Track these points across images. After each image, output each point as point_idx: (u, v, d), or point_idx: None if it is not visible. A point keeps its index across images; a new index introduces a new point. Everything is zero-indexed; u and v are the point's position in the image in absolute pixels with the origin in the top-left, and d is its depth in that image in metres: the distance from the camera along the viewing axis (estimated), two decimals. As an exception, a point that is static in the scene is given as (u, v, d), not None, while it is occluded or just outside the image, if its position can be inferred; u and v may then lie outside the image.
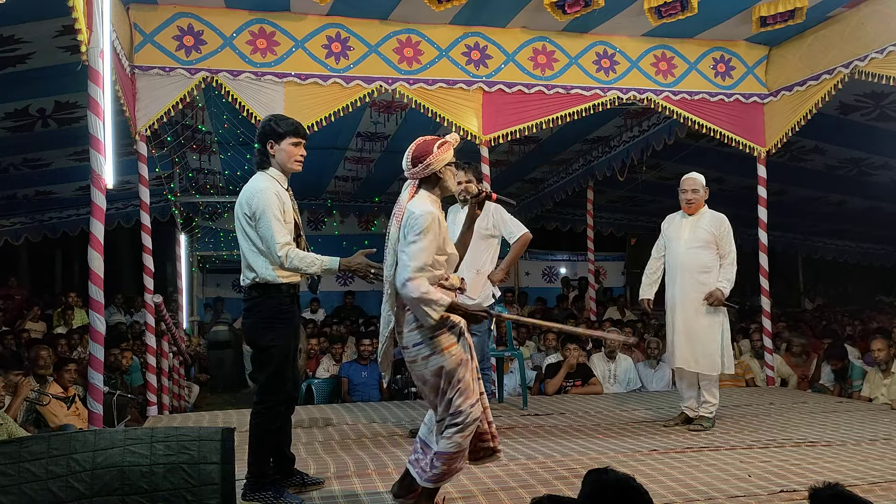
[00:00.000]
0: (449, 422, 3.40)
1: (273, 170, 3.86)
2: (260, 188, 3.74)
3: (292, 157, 3.85)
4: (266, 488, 3.78)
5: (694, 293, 5.60)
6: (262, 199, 3.69)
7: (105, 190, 4.92)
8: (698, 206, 5.72)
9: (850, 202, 11.68)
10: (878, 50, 6.38)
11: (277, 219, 3.67)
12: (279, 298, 3.82)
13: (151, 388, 6.79)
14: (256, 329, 3.86)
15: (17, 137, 7.71)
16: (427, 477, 3.48)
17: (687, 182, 5.75)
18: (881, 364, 6.92)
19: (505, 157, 10.55)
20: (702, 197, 5.73)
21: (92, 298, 4.94)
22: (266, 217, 3.67)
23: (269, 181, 3.80)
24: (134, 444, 3.19)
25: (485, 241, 5.37)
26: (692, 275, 5.61)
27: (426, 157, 3.48)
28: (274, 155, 3.84)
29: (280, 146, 3.82)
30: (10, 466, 3.00)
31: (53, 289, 13.52)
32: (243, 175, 10.03)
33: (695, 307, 5.59)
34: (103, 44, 4.81)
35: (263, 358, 3.83)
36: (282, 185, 3.84)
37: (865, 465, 4.42)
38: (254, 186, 3.78)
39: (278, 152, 3.83)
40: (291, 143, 3.84)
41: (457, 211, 5.42)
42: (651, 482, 3.99)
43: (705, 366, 5.56)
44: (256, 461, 3.83)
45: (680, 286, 5.68)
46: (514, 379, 7.56)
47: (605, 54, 7.42)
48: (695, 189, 5.71)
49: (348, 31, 6.89)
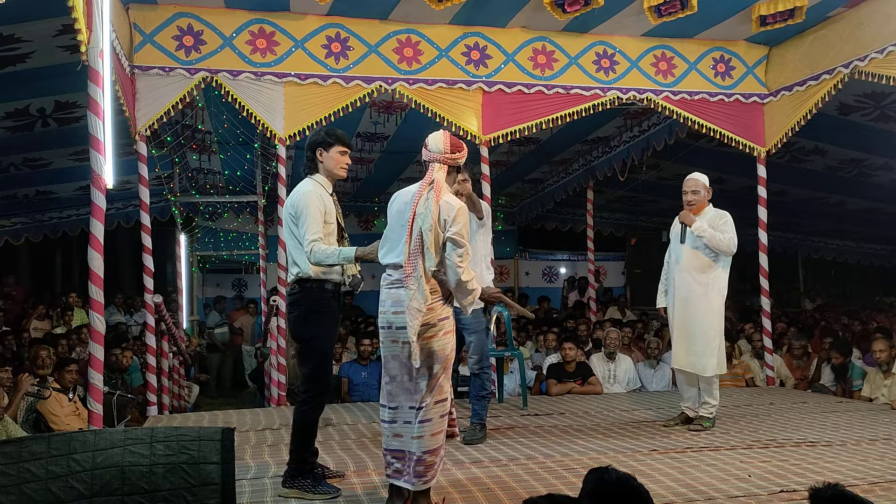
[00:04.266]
0: (432, 405, 3.51)
1: (319, 175, 4.12)
2: (304, 191, 4.00)
3: (339, 164, 4.13)
4: (305, 476, 3.92)
5: (693, 293, 5.55)
6: (305, 200, 3.95)
7: (105, 190, 4.92)
8: (700, 207, 5.66)
9: (849, 203, 11.68)
10: (878, 50, 6.38)
11: (315, 219, 3.91)
12: (320, 293, 4.00)
13: (151, 388, 6.79)
14: (299, 322, 4.05)
15: (18, 137, 7.71)
16: (421, 480, 3.49)
17: (688, 183, 5.72)
18: (882, 365, 6.92)
19: (505, 158, 10.55)
20: (703, 198, 5.68)
21: (92, 298, 4.93)
22: (304, 216, 3.92)
23: (315, 185, 4.06)
24: (134, 444, 3.19)
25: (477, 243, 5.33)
26: (691, 275, 5.56)
27: (462, 149, 3.67)
28: (322, 161, 4.11)
29: (328, 154, 4.10)
30: (10, 466, 2.99)
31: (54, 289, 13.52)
32: (243, 175, 10.07)
33: (693, 307, 5.55)
34: (103, 44, 4.81)
35: (306, 350, 4.02)
36: (326, 189, 4.10)
37: (865, 465, 4.42)
38: (300, 189, 4.05)
39: (326, 159, 4.11)
40: (339, 152, 4.12)
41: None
42: (651, 482, 3.99)
43: (699, 366, 5.51)
44: (298, 449, 3.96)
45: (679, 286, 5.64)
46: (514, 379, 7.56)
47: (605, 54, 7.42)
48: (695, 190, 5.65)
49: (348, 31, 6.89)
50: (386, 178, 11.54)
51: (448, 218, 3.44)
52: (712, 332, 5.51)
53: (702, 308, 5.52)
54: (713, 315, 5.54)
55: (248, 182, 10.34)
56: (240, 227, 12.78)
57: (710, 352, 5.49)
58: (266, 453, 4.89)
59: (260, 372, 10.02)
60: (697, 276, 5.55)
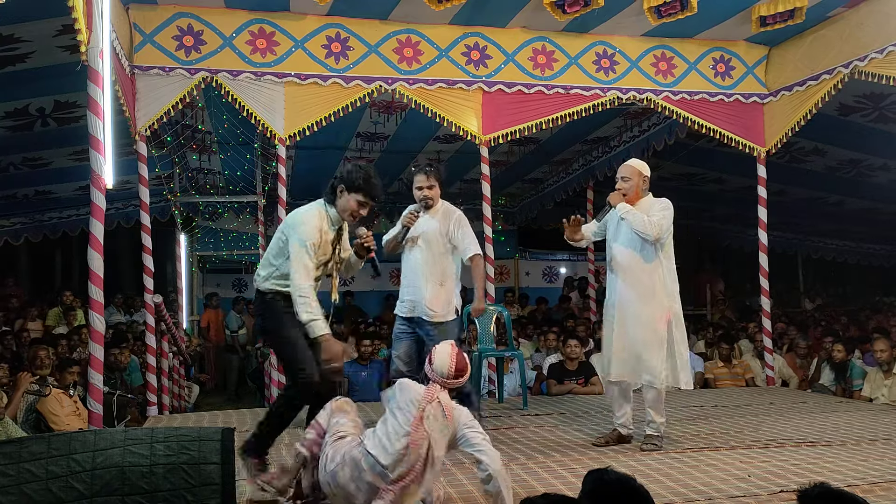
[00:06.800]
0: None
1: (331, 208, 4.06)
2: (308, 217, 3.96)
3: (350, 210, 4.02)
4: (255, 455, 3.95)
5: (634, 295, 4.92)
6: (303, 229, 3.90)
7: (105, 190, 4.92)
8: (633, 196, 5.00)
9: (849, 203, 11.68)
10: (878, 50, 6.38)
11: (308, 255, 3.86)
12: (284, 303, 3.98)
13: (151, 388, 6.79)
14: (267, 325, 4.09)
15: (17, 137, 7.71)
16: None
17: (620, 169, 5.12)
18: (883, 364, 6.92)
19: (505, 158, 10.55)
20: (635, 185, 5.01)
21: (92, 298, 4.93)
22: (296, 247, 3.88)
23: (320, 217, 4.00)
24: (134, 444, 3.19)
25: (450, 254, 5.04)
26: (633, 274, 4.94)
27: (465, 373, 3.56)
28: (339, 198, 4.03)
29: (347, 196, 4.01)
30: (10, 467, 2.99)
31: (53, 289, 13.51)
32: (243, 175, 10.06)
33: (636, 311, 4.91)
34: (103, 44, 4.81)
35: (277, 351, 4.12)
36: (331, 223, 4.04)
37: (865, 465, 4.41)
38: (305, 213, 4.00)
39: (343, 200, 4.02)
40: (357, 200, 4.00)
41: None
42: (651, 482, 3.99)
43: (647, 378, 4.89)
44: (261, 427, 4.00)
45: (619, 288, 5.00)
46: (514, 379, 7.56)
47: (605, 54, 7.42)
48: (624, 177, 5.02)
49: (348, 31, 6.89)
50: (386, 178, 11.52)
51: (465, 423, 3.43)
52: (660, 339, 4.87)
53: (646, 313, 4.89)
54: (661, 321, 4.89)
55: (248, 182, 10.34)
56: (240, 227, 12.77)
57: (660, 361, 4.86)
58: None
59: (260, 372, 10.02)
60: (640, 276, 4.93)
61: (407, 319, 5.04)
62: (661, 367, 4.86)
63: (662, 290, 4.93)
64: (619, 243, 5.03)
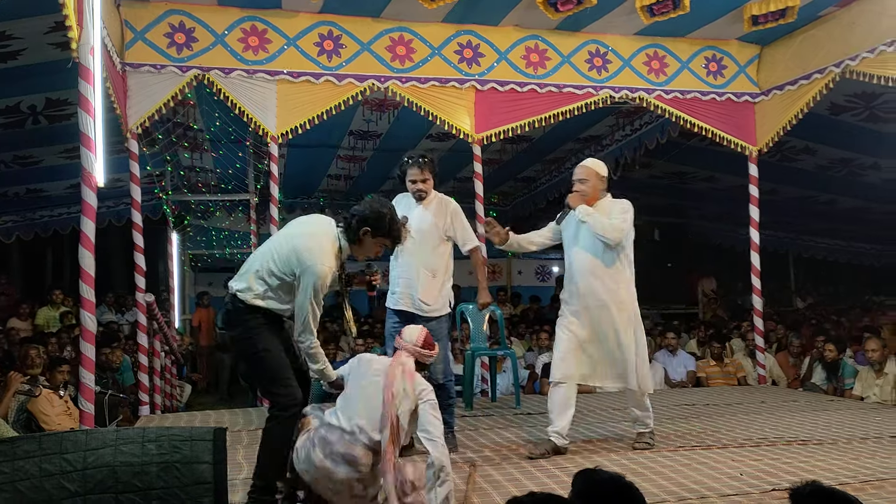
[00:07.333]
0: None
1: (346, 246, 3.73)
2: (326, 261, 3.59)
3: (370, 252, 3.79)
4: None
5: (601, 301, 4.76)
6: (319, 273, 3.54)
7: (96, 188, 4.88)
8: (591, 198, 4.87)
9: (840, 202, 11.73)
10: (869, 49, 6.41)
11: (317, 297, 3.57)
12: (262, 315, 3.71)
13: (143, 388, 6.77)
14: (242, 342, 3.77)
15: (8, 134, 7.67)
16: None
17: (576, 171, 4.99)
18: (874, 364, 6.95)
19: (497, 156, 10.56)
20: (593, 187, 4.87)
21: (83, 297, 4.89)
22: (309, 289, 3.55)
23: (336, 256, 3.68)
24: (125, 443, 3.19)
25: (443, 245, 4.98)
26: (597, 278, 4.77)
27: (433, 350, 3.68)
28: (361, 239, 3.71)
29: (372, 240, 3.73)
30: (5, 464, 2.99)
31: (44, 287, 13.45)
32: (235, 173, 10.04)
33: (605, 317, 4.76)
34: (94, 41, 4.78)
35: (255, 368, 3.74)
36: (343, 257, 3.76)
37: (857, 464, 4.43)
38: (322, 252, 3.61)
39: (367, 242, 3.73)
40: (381, 245, 3.80)
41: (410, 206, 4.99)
42: (643, 480, 4.00)
43: (626, 381, 4.80)
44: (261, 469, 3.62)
45: (583, 293, 4.80)
46: (506, 378, 7.56)
47: (598, 53, 7.42)
48: (581, 179, 4.89)
49: (340, 29, 6.88)
50: (378, 177, 11.52)
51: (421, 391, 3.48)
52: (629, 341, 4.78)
53: (615, 318, 4.76)
54: (628, 323, 4.80)
55: (241, 180, 10.32)
56: (232, 225, 12.73)
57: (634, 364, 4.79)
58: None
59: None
60: (606, 282, 4.78)
61: (398, 313, 4.98)
62: (635, 371, 4.79)
63: (627, 294, 4.83)
64: (580, 248, 4.86)
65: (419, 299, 4.87)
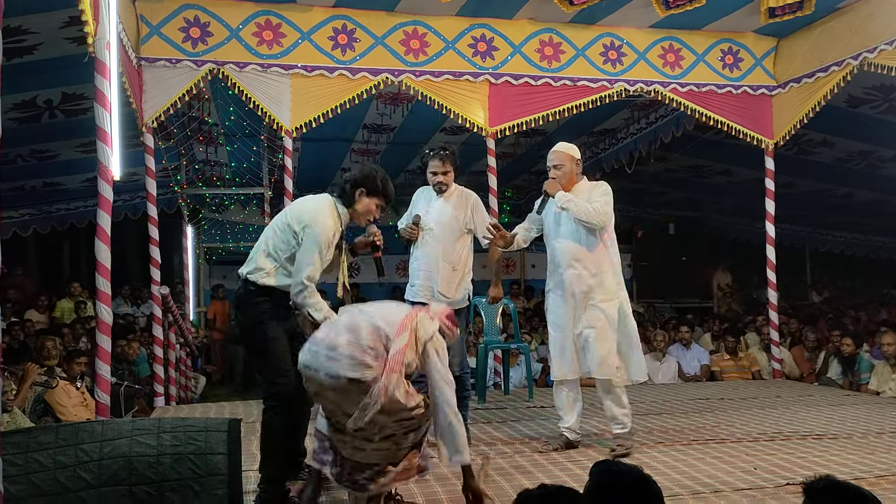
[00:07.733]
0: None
1: (345, 213, 3.84)
2: (324, 217, 3.72)
3: (369, 214, 3.89)
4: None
5: (585, 288, 4.65)
6: (319, 227, 3.67)
7: (112, 181, 4.93)
8: (568, 183, 4.77)
9: (857, 195, 11.62)
10: (888, 41, 6.33)
11: (321, 253, 3.66)
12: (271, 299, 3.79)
13: (159, 380, 6.83)
14: (249, 328, 3.82)
15: (25, 129, 7.72)
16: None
17: (550, 156, 4.87)
18: (890, 358, 6.90)
19: (511, 150, 10.53)
20: (569, 171, 4.77)
21: (99, 290, 4.94)
22: (312, 243, 3.65)
23: (335, 218, 3.78)
24: (141, 434, 3.22)
25: (463, 237, 4.97)
26: (582, 265, 4.66)
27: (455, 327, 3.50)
28: (356, 201, 3.83)
29: (367, 199, 3.84)
30: (18, 456, 3.02)
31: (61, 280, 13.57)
32: (249, 166, 10.07)
33: (583, 304, 4.65)
34: (110, 35, 4.81)
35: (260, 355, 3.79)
36: (341, 224, 3.84)
37: (872, 458, 4.40)
38: (319, 210, 3.75)
39: (362, 203, 3.84)
40: (377, 204, 3.88)
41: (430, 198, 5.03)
42: (657, 474, 3.96)
43: (600, 371, 4.62)
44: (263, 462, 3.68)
45: (569, 283, 4.69)
46: (520, 371, 7.57)
47: (612, 46, 7.38)
48: (556, 164, 4.78)
49: (354, 23, 6.88)
50: (392, 170, 11.51)
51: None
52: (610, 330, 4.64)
53: (593, 305, 4.64)
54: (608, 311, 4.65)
55: (255, 174, 10.36)
56: (246, 218, 12.79)
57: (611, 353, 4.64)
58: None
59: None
60: (588, 268, 4.66)
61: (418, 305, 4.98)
62: (614, 360, 4.64)
63: (612, 279, 4.71)
64: (562, 236, 4.75)
65: (439, 292, 4.87)
